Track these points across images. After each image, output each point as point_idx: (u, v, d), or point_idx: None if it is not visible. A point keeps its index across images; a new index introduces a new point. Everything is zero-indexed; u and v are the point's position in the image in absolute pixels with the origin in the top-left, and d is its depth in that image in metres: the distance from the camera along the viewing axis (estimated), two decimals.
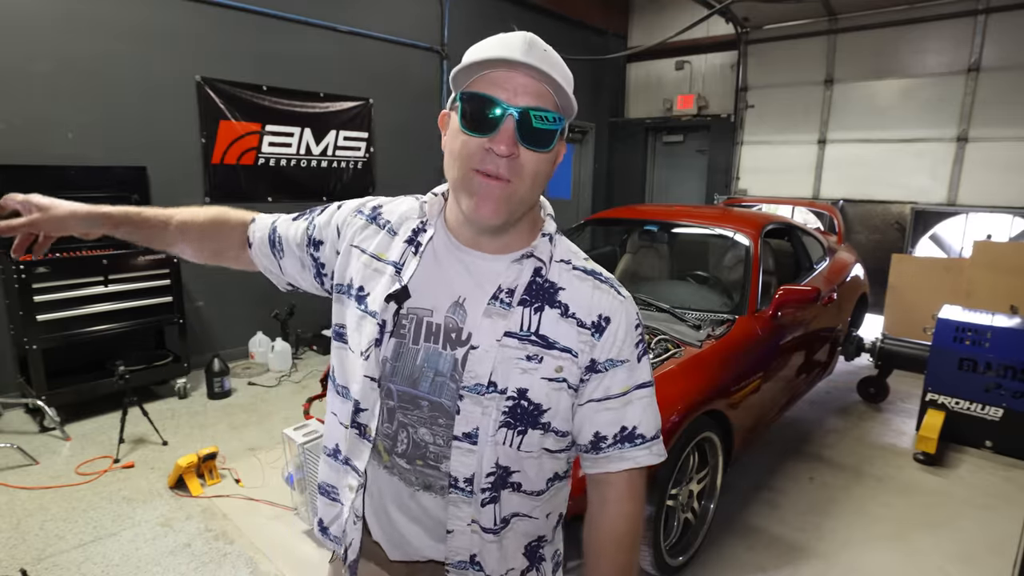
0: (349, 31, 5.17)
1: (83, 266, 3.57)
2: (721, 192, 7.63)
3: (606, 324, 0.90)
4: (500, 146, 0.79)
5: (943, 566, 2.51)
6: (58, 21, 3.71)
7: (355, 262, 0.96)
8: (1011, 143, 5.69)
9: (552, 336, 0.88)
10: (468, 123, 0.80)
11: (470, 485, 0.88)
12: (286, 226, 1.06)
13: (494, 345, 0.85)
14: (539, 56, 0.80)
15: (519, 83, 0.79)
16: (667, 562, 2.27)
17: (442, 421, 0.88)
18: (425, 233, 0.92)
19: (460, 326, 0.88)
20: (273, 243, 1.06)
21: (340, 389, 0.97)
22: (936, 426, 3.38)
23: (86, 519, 2.67)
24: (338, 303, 0.98)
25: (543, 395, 0.87)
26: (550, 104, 0.81)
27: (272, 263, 1.08)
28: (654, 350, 2.58)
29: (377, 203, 1.00)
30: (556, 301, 0.89)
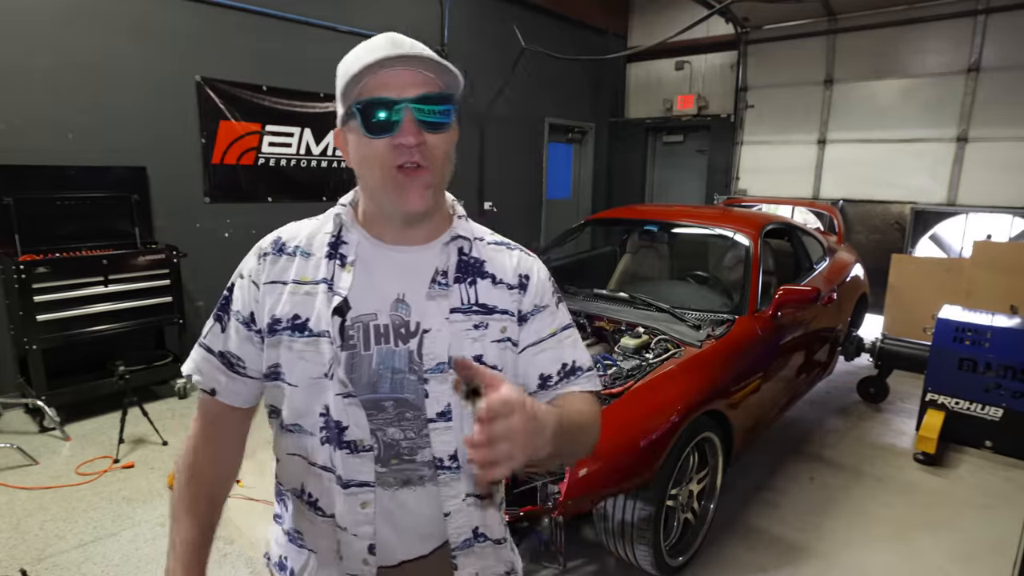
0: (349, 31, 5.17)
1: (83, 266, 3.57)
2: (721, 192, 7.64)
3: (527, 280, 1.00)
4: (408, 138, 0.84)
5: (943, 566, 2.51)
6: (58, 21, 3.71)
7: (277, 297, 0.92)
8: (1011, 143, 5.69)
9: (490, 303, 0.96)
10: (371, 128, 0.85)
11: (455, 461, 0.92)
12: (224, 340, 0.96)
13: (444, 324, 0.91)
14: (408, 47, 0.85)
15: (401, 77, 0.85)
16: (667, 562, 2.27)
17: (409, 415, 0.92)
18: (346, 244, 0.94)
19: (407, 319, 0.92)
20: (231, 364, 0.96)
21: (292, 427, 0.93)
22: (936, 426, 3.38)
23: (86, 519, 2.67)
24: (269, 347, 0.93)
25: (496, 357, 0.94)
26: (435, 87, 0.87)
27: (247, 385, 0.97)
28: (654, 350, 2.58)
29: (275, 237, 0.97)
30: (484, 272, 0.97)
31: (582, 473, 1.88)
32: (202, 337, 0.99)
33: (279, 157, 4.92)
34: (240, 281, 0.96)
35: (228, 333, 0.95)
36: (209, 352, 0.96)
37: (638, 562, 2.21)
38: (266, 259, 0.94)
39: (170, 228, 4.29)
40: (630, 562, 2.24)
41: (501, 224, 6.88)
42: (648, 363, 2.45)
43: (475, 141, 6.66)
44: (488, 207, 6.92)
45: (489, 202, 6.92)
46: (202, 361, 0.97)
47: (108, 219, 3.95)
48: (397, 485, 0.93)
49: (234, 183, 4.68)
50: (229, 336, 0.95)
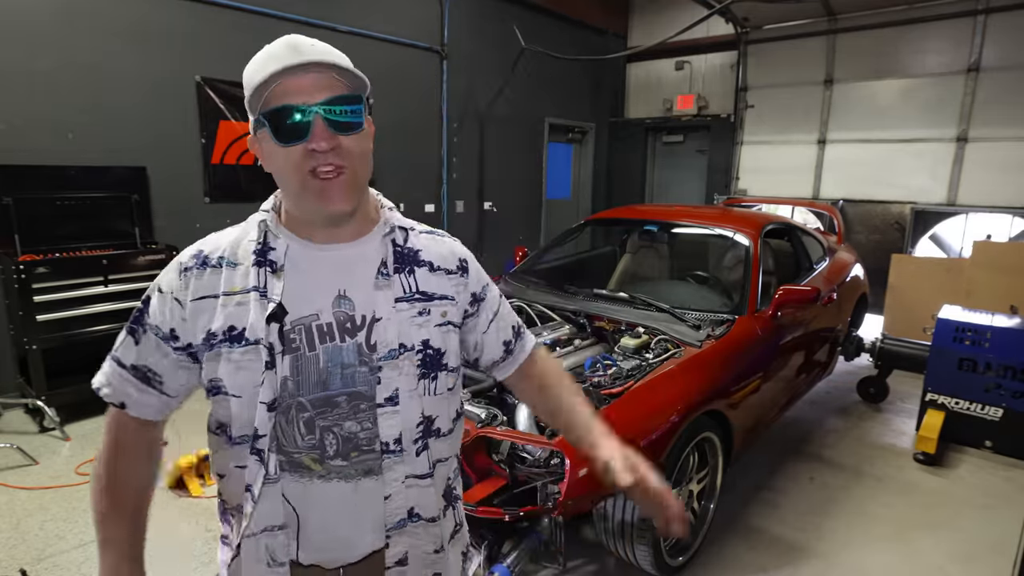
0: (349, 31, 5.17)
1: (83, 266, 3.57)
2: (721, 192, 7.64)
3: (466, 264, 1.09)
4: (320, 143, 0.85)
5: (943, 566, 2.51)
6: (58, 21, 3.71)
7: (210, 311, 0.91)
8: (1011, 143, 5.69)
9: (430, 290, 1.01)
10: (283, 136, 0.85)
11: (399, 444, 0.96)
12: (136, 353, 0.94)
13: (392, 312, 0.95)
14: (309, 51, 0.85)
15: (306, 82, 0.85)
16: (667, 562, 2.27)
17: (364, 406, 0.94)
18: (274, 250, 0.93)
19: (351, 314, 0.94)
20: (145, 378, 0.94)
21: (239, 439, 0.92)
22: (936, 426, 3.38)
23: (86, 519, 2.67)
24: (208, 361, 0.91)
25: (440, 340, 1.00)
26: (342, 88, 0.88)
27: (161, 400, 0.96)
28: (654, 350, 2.58)
29: (195, 250, 0.95)
30: (421, 261, 1.02)
31: (582, 473, 1.88)
32: (113, 350, 0.96)
33: None
34: (159, 296, 0.94)
35: (142, 347, 0.94)
36: (120, 366, 0.94)
37: (638, 562, 2.21)
38: (189, 274, 0.92)
39: (170, 228, 4.29)
40: (630, 562, 2.24)
41: (501, 224, 6.92)
42: (648, 363, 2.45)
43: (475, 141, 6.66)
44: (488, 207, 6.92)
45: (489, 202, 6.92)
46: (112, 375, 0.95)
47: (108, 219, 3.95)
48: (359, 476, 0.95)
49: (234, 183, 4.68)
50: (143, 350, 0.94)
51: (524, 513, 1.91)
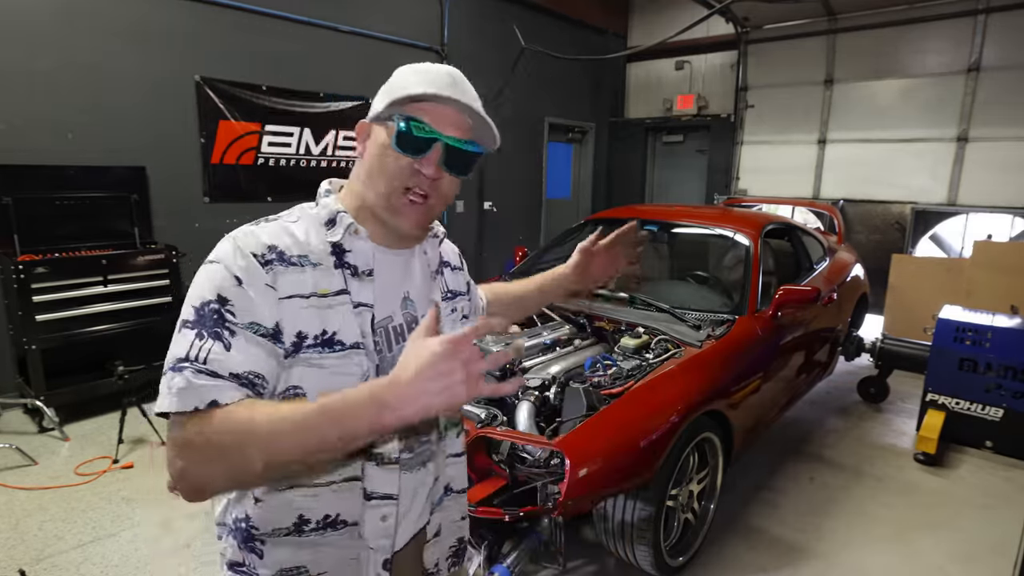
0: (349, 31, 5.17)
1: (82, 266, 3.56)
2: (721, 192, 7.63)
3: (462, 258, 1.22)
4: (428, 168, 0.90)
5: (943, 566, 2.51)
6: (58, 21, 3.71)
7: (297, 312, 0.85)
8: (1011, 143, 5.69)
9: (455, 288, 1.13)
10: (403, 145, 0.89)
11: (445, 430, 1.07)
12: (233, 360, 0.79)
13: (443, 312, 1.05)
14: (466, 95, 0.92)
15: (448, 115, 0.90)
16: (667, 562, 2.26)
17: None
18: (351, 252, 0.92)
19: (415, 315, 1.01)
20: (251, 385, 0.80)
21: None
22: (936, 426, 3.38)
23: (85, 519, 2.67)
24: (290, 367, 0.85)
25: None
26: (471, 135, 0.94)
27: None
28: (654, 350, 2.58)
29: (266, 243, 0.86)
30: (445, 262, 1.13)
31: (582, 473, 1.88)
32: (197, 362, 0.78)
33: (279, 157, 4.91)
34: (240, 290, 0.82)
35: (236, 351, 0.79)
36: (216, 377, 0.77)
37: (638, 562, 2.20)
38: (272, 268, 0.84)
39: (169, 228, 4.28)
40: (630, 562, 2.23)
41: (501, 224, 6.91)
42: (648, 363, 2.45)
43: None
44: (488, 207, 6.91)
45: (489, 202, 6.92)
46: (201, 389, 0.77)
47: (107, 219, 3.94)
48: (419, 465, 1.02)
49: (234, 183, 4.68)
50: (238, 354, 0.79)
51: (524, 513, 1.91)
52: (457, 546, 1.16)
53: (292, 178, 5.01)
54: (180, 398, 0.76)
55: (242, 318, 0.81)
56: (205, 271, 0.85)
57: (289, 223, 0.92)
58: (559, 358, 2.60)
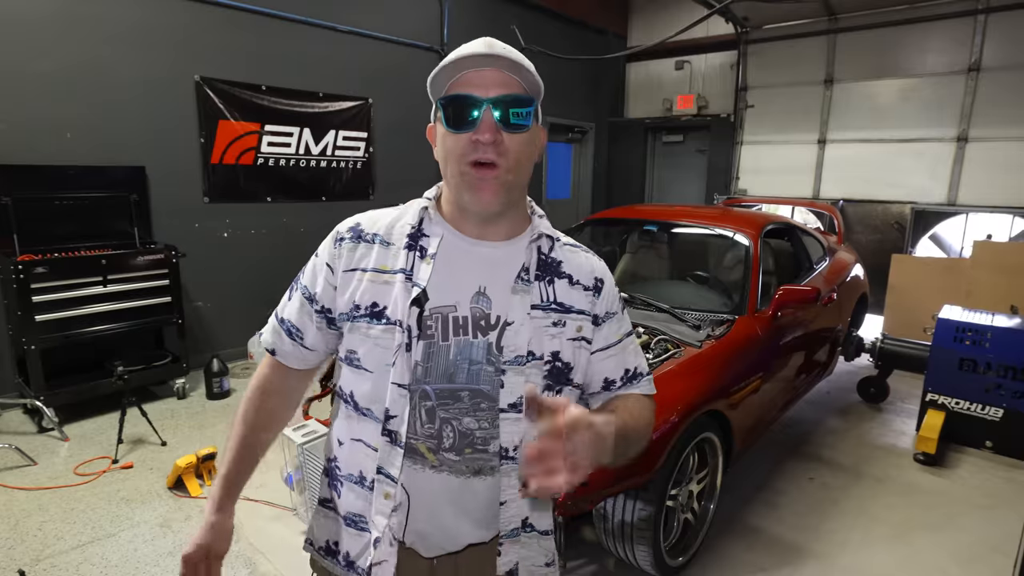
0: (349, 31, 5.16)
1: (82, 266, 3.56)
2: (721, 192, 7.63)
3: (602, 284, 1.05)
4: (485, 135, 0.88)
5: (943, 567, 2.50)
6: (58, 21, 3.71)
7: (357, 284, 0.97)
8: (1011, 143, 5.69)
9: (567, 302, 1.01)
10: (452, 123, 0.90)
11: (517, 452, 0.96)
12: (287, 309, 1.07)
13: (526, 318, 0.95)
14: (500, 49, 0.89)
15: (488, 77, 0.89)
16: (667, 562, 2.26)
17: (484, 405, 0.95)
18: (428, 237, 0.97)
19: (487, 312, 0.96)
20: (289, 332, 1.06)
21: (365, 411, 0.98)
22: (936, 426, 3.38)
23: (84, 520, 2.67)
24: (349, 332, 0.99)
25: (570, 355, 1.00)
26: (518, 89, 0.91)
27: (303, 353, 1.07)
28: (654, 350, 2.57)
29: (354, 223, 1.02)
30: (562, 272, 1.01)
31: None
32: (279, 308, 1.09)
33: (278, 157, 4.91)
34: (315, 260, 1.02)
35: (291, 304, 1.05)
36: (278, 320, 1.07)
37: (638, 562, 2.20)
38: (342, 244, 0.99)
39: (169, 228, 4.28)
40: (630, 562, 2.23)
41: None
42: (648, 363, 2.45)
43: None
44: None
45: None
46: (274, 325, 1.08)
47: (107, 219, 3.94)
48: (469, 474, 0.97)
49: (233, 183, 4.67)
50: (291, 306, 1.05)
51: None
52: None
53: (292, 178, 5.01)
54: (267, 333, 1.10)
55: (303, 281, 1.04)
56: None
57: (393, 209, 1.03)
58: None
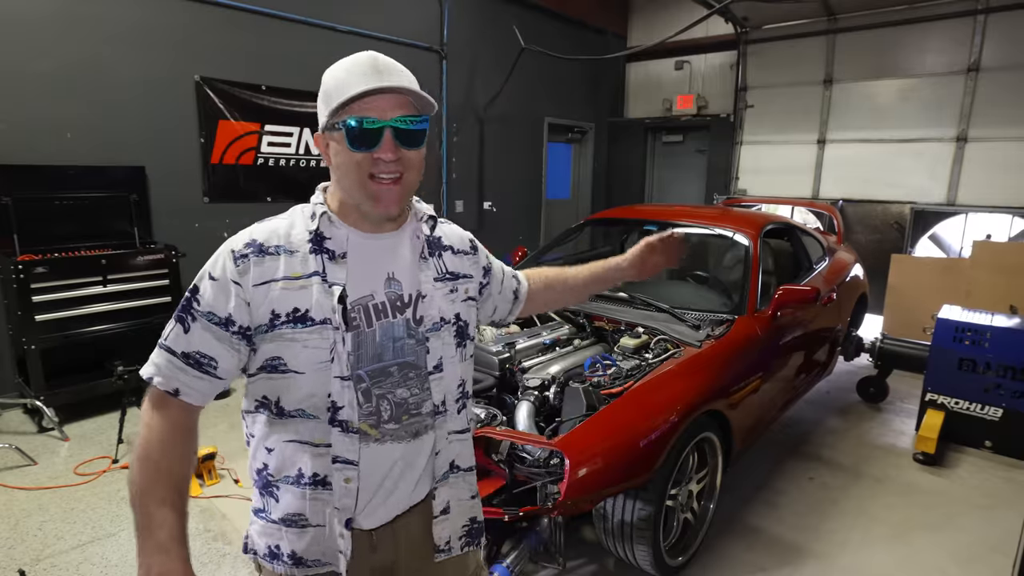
0: (349, 31, 5.16)
1: (82, 266, 3.56)
2: (721, 192, 7.63)
3: (475, 243, 1.27)
4: (387, 155, 0.98)
5: (943, 566, 2.51)
6: (58, 21, 3.71)
7: (270, 295, 0.98)
8: (1011, 143, 5.69)
9: (456, 270, 1.17)
10: (355, 143, 0.97)
11: (444, 405, 1.11)
12: (187, 341, 0.99)
13: (432, 289, 1.10)
14: (389, 75, 0.98)
15: (383, 102, 0.97)
16: (666, 562, 2.26)
17: (412, 374, 1.08)
18: (330, 239, 1.03)
19: (400, 293, 1.07)
20: (198, 364, 0.99)
21: (295, 412, 1.01)
22: (936, 426, 3.38)
23: (84, 519, 2.67)
24: (269, 341, 0.99)
25: (466, 313, 1.17)
26: (412, 109, 1.00)
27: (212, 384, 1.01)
28: (653, 350, 2.58)
29: (247, 239, 1.01)
30: (444, 245, 1.18)
31: (581, 473, 1.88)
32: (163, 339, 1.01)
33: (278, 157, 4.91)
34: (212, 283, 0.99)
35: (192, 334, 0.99)
36: (171, 354, 0.99)
37: (637, 562, 2.21)
38: (246, 261, 0.99)
39: (169, 228, 4.28)
40: (629, 562, 2.23)
41: (501, 224, 6.92)
42: (648, 363, 2.45)
43: (474, 141, 6.66)
44: (487, 207, 6.92)
45: (488, 202, 6.92)
46: (164, 364, 0.99)
47: (107, 219, 3.94)
48: (409, 438, 1.08)
49: (233, 183, 4.68)
50: (193, 337, 0.99)
51: (524, 513, 1.91)
52: (470, 526, 1.20)
53: (292, 178, 5.01)
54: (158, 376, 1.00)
55: (203, 307, 0.99)
56: (205, 265, 1.03)
57: (279, 219, 1.05)
58: (559, 358, 2.61)
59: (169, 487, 0.98)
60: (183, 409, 1.01)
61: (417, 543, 1.13)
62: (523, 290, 1.41)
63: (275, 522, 1.06)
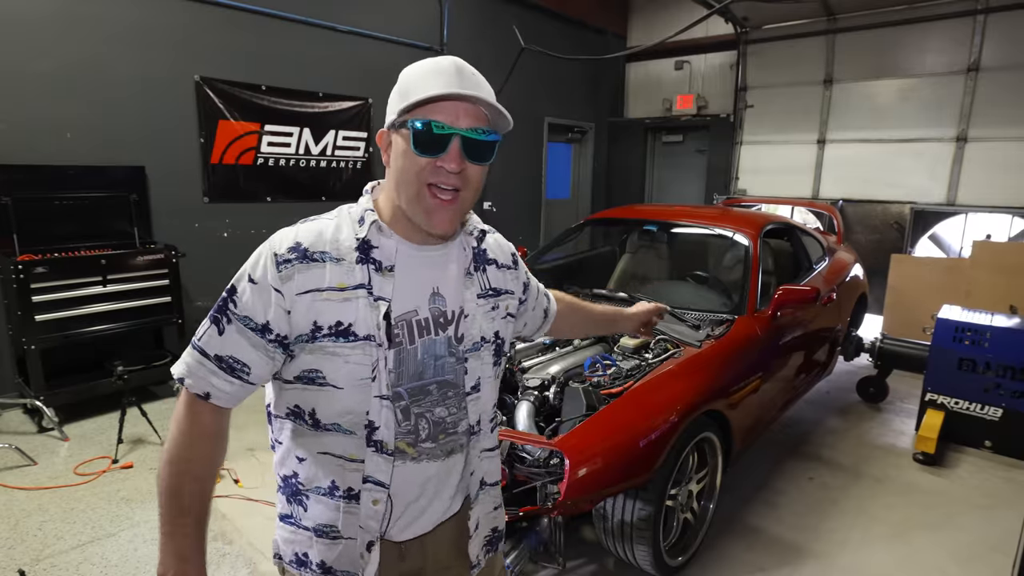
0: (349, 31, 5.16)
1: (82, 266, 3.56)
2: (720, 192, 7.63)
3: (516, 257, 1.22)
4: (451, 164, 0.92)
5: (943, 566, 2.51)
6: (57, 21, 3.71)
7: (314, 305, 0.93)
8: (1011, 143, 5.69)
9: (498, 285, 1.14)
10: (421, 147, 0.92)
11: (479, 425, 1.09)
12: (221, 344, 0.95)
13: (475, 308, 1.07)
14: (471, 84, 0.94)
15: (459, 108, 0.93)
16: (666, 562, 2.26)
17: (451, 393, 1.05)
18: (378, 249, 0.98)
19: (443, 309, 1.03)
20: (231, 369, 0.95)
21: (331, 426, 0.98)
22: (935, 426, 3.38)
23: (84, 519, 2.67)
24: (308, 353, 0.95)
25: (504, 331, 1.14)
26: (485, 122, 0.96)
27: (244, 389, 0.97)
28: (653, 350, 2.58)
29: (292, 242, 0.95)
30: (489, 259, 1.14)
31: (581, 473, 1.88)
32: (196, 339, 0.97)
33: (278, 157, 4.91)
34: (251, 287, 0.94)
35: (227, 337, 0.94)
36: (204, 355, 0.95)
37: (637, 562, 2.21)
38: (290, 267, 0.93)
39: (169, 228, 4.28)
40: (629, 562, 2.23)
41: (500, 224, 6.88)
42: (647, 363, 2.45)
43: None
44: (487, 207, 6.92)
45: (488, 202, 6.92)
46: (195, 364, 0.96)
47: (107, 219, 3.94)
48: (444, 456, 1.05)
49: (233, 183, 4.67)
50: (228, 340, 0.94)
51: (523, 513, 1.91)
52: (491, 535, 1.19)
53: (292, 178, 5.01)
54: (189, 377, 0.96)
55: (240, 310, 0.94)
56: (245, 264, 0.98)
57: (325, 221, 1.00)
58: (558, 358, 2.61)
59: (194, 493, 0.96)
60: (213, 412, 0.97)
61: (444, 551, 1.12)
62: (552, 309, 1.39)
63: (305, 529, 1.03)
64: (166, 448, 0.96)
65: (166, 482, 0.95)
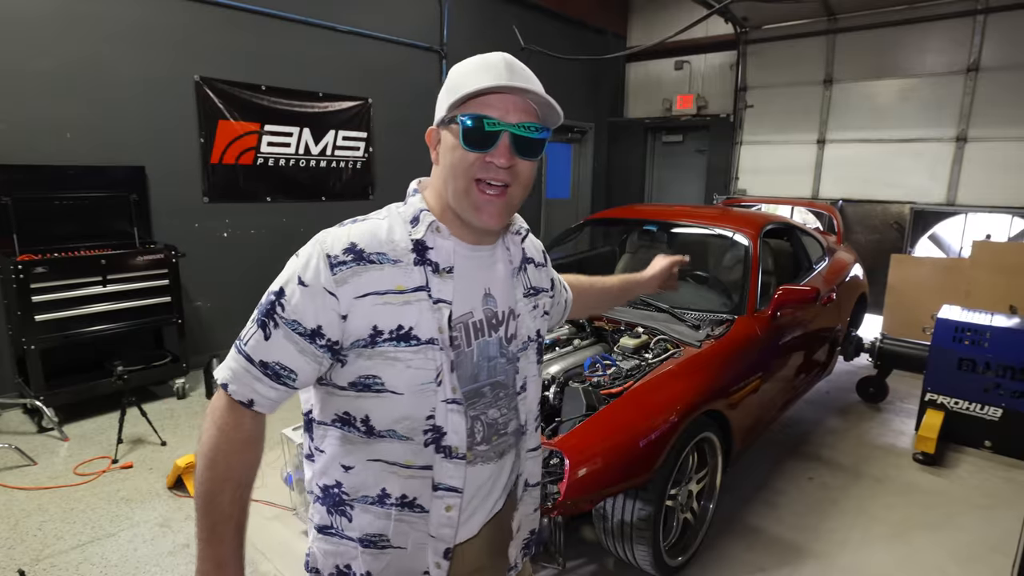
0: (349, 31, 5.16)
1: (81, 266, 3.56)
2: (720, 192, 7.63)
3: (546, 253, 1.23)
4: (500, 159, 0.91)
5: (943, 566, 2.51)
6: (57, 20, 3.71)
7: (372, 308, 0.90)
8: (1011, 143, 5.69)
9: (537, 284, 1.14)
10: (470, 142, 0.91)
11: (527, 424, 1.10)
12: (267, 349, 0.91)
13: (523, 307, 1.08)
14: (520, 77, 0.92)
15: (509, 102, 0.92)
16: (666, 562, 2.26)
17: (503, 394, 1.05)
18: (433, 249, 0.96)
19: (495, 310, 1.03)
20: (276, 376, 0.92)
21: (386, 433, 0.95)
22: (935, 426, 3.38)
23: (84, 519, 2.67)
24: (366, 359, 0.91)
25: (543, 329, 1.15)
26: (535, 117, 0.94)
27: (287, 394, 0.95)
28: (653, 350, 2.58)
29: (347, 243, 0.91)
30: (528, 258, 1.14)
31: (581, 473, 1.88)
32: (241, 343, 0.93)
33: (278, 157, 4.91)
34: (301, 289, 0.89)
35: (273, 342, 0.90)
36: (249, 361, 0.92)
37: (637, 562, 2.21)
38: (345, 268, 0.89)
39: (169, 228, 4.28)
40: (629, 562, 2.23)
41: None
42: (647, 363, 2.45)
43: None
44: None
45: None
46: (240, 371, 0.92)
47: (107, 219, 3.94)
48: (496, 458, 1.05)
49: (233, 183, 4.67)
50: (274, 346, 0.90)
51: None
52: (529, 537, 1.19)
53: (292, 178, 5.01)
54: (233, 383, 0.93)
55: (288, 315, 0.90)
56: (288, 264, 0.94)
57: (376, 220, 0.97)
58: (558, 358, 2.61)
59: (235, 499, 0.93)
60: (253, 417, 0.94)
61: (485, 553, 1.11)
62: (569, 298, 1.40)
63: (350, 540, 0.99)
64: (203, 453, 0.92)
65: (206, 487, 0.91)
